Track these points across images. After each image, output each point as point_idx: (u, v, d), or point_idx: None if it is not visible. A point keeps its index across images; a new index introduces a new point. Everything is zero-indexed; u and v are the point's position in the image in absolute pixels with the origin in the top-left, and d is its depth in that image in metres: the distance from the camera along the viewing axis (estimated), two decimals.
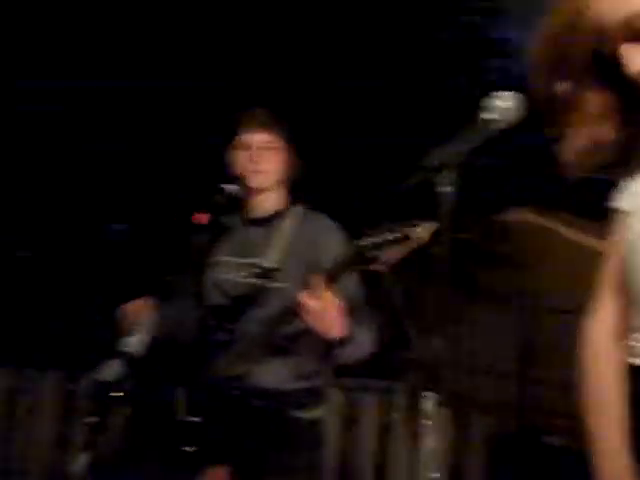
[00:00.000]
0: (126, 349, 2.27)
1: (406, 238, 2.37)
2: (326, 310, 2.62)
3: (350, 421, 5.52)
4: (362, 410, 5.42)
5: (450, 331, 12.53)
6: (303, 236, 3.01)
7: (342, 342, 2.72)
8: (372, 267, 2.40)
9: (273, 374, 2.91)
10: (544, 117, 1.74)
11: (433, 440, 1.82)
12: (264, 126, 3.03)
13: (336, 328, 2.68)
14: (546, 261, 13.43)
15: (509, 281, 12.89)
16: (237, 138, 3.07)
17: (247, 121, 3.06)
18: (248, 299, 2.97)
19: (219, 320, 2.99)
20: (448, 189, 1.96)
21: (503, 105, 1.95)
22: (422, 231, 2.35)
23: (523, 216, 14.19)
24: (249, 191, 3.06)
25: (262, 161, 3.01)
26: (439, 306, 1.95)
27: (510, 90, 1.96)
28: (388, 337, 13.25)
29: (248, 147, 3.03)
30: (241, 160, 3.04)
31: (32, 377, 6.06)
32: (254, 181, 3.02)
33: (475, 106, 1.99)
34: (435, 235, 2.20)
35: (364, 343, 2.86)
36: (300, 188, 3.18)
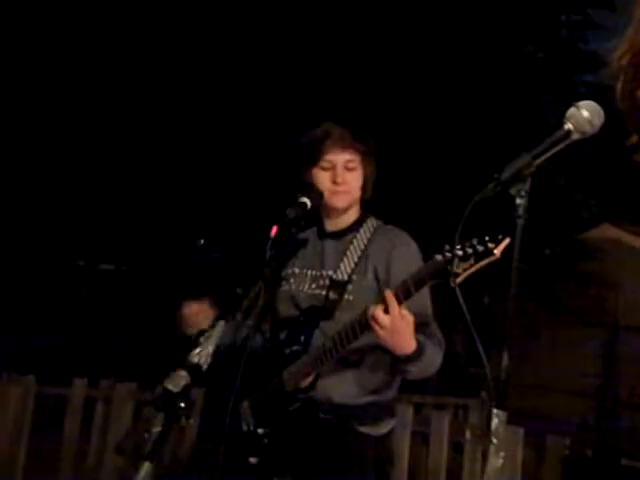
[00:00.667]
0: (193, 360, 2.26)
1: (482, 253, 2.32)
2: (397, 325, 2.58)
3: (421, 438, 5.43)
4: (434, 427, 5.32)
5: (529, 348, 12.34)
6: (376, 249, 2.98)
7: (410, 358, 2.69)
8: (451, 282, 2.35)
9: (340, 388, 2.88)
10: (626, 125, 1.68)
11: (501, 459, 1.75)
12: (347, 145, 2.98)
13: (406, 344, 2.65)
14: (628, 278, 13.12)
15: (591, 298, 12.64)
16: (317, 156, 3.00)
17: (328, 139, 2.98)
18: (319, 311, 2.95)
19: (289, 332, 2.98)
20: (523, 201, 1.89)
21: (586, 116, 1.89)
22: (496, 246, 2.31)
23: (605, 232, 13.91)
24: (329, 209, 3.04)
25: (346, 182, 2.97)
26: (514, 322, 1.89)
27: (598, 102, 1.91)
28: (462, 353, 13.13)
29: (331, 167, 2.98)
30: (322, 179, 2.98)
31: (107, 387, 6.16)
32: (337, 202, 2.99)
33: (559, 118, 1.94)
34: (508, 249, 2.15)
35: (433, 360, 2.81)
36: (374, 200, 3.16)
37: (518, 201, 1.89)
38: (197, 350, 2.34)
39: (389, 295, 2.58)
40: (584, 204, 12.06)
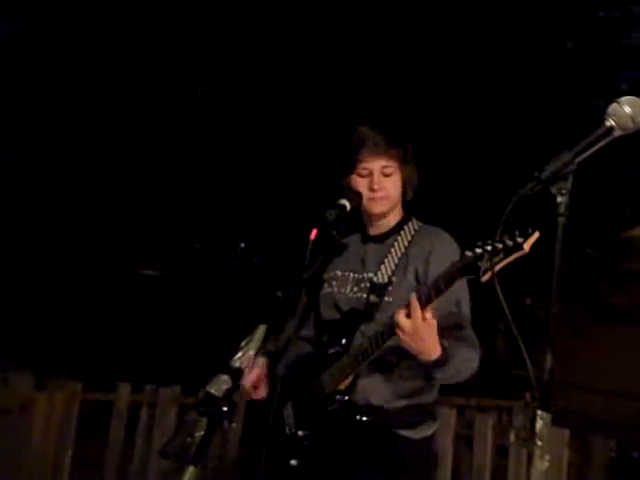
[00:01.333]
0: (235, 365, 2.27)
1: (512, 247, 2.30)
2: (419, 330, 2.58)
3: (465, 441, 5.40)
4: (477, 430, 5.28)
5: (573, 348, 12.19)
6: (416, 251, 2.98)
7: (436, 364, 2.68)
8: (483, 278, 2.33)
9: (378, 390, 2.88)
10: None
11: (546, 462, 1.73)
12: (381, 151, 2.97)
13: (429, 349, 2.64)
14: None
15: (635, 297, 12.45)
16: (354, 164, 3.00)
17: (363, 146, 2.98)
18: (360, 314, 2.95)
19: (331, 334, 2.99)
20: (565, 199, 1.87)
21: (628, 112, 1.87)
22: (525, 240, 2.29)
23: None
24: (369, 215, 3.05)
25: (383, 187, 2.97)
26: (557, 322, 1.87)
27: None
28: (505, 355, 13.02)
29: (368, 174, 2.98)
30: (360, 186, 2.99)
31: (151, 392, 6.21)
32: (375, 208, 3.00)
33: (601, 115, 1.91)
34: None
35: (463, 365, 2.80)
36: (416, 200, 3.15)
37: (559, 199, 1.87)
38: (239, 354, 2.35)
39: (412, 299, 2.58)
40: (627, 202, 11.90)
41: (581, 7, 10.76)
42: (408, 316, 2.58)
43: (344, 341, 2.92)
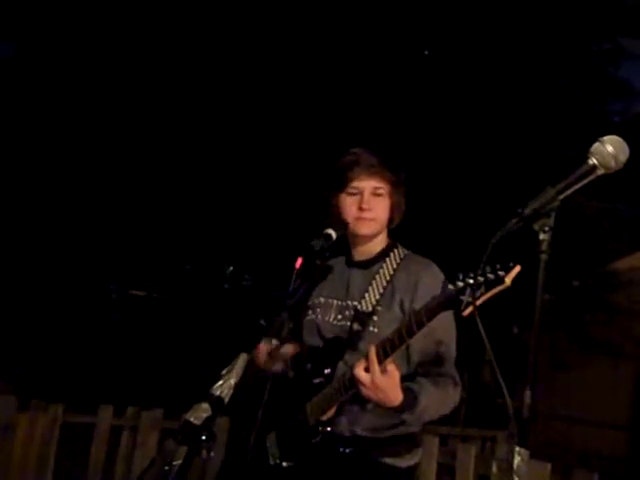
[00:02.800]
0: (215, 393, 2.26)
1: (493, 281, 2.31)
2: (378, 384, 2.59)
3: (447, 470, 5.37)
4: (459, 459, 5.26)
5: (558, 379, 12.19)
6: (402, 280, 2.95)
7: (400, 410, 2.69)
8: (464, 311, 2.34)
9: (362, 421, 2.86)
10: None
11: None
12: (375, 172, 2.96)
13: (390, 399, 2.64)
14: None
15: (620, 329, 12.48)
16: (345, 182, 2.99)
17: (356, 165, 2.97)
18: (343, 343, 2.93)
19: (314, 363, 2.97)
20: (547, 236, 1.88)
21: (610, 151, 1.89)
22: (506, 274, 2.30)
23: (635, 262, 13.75)
24: (355, 236, 3.03)
25: (372, 209, 2.96)
26: (542, 353, 1.87)
27: (630, 130, 1.91)
28: (491, 384, 13.00)
29: (358, 193, 2.97)
30: (349, 206, 2.98)
31: (133, 415, 6.16)
32: (363, 228, 2.98)
33: (584, 152, 1.93)
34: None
35: (436, 405, 2.79)
36: (399, 229, 3.14)
37: (542, 237, 1.88)
38: (219, 383, 2.33)
39: (371, 353, 2.59)
40: (613, 234, 11.94)
41: (574, 41, 10.84)
42: (367, 370, 2.59)
43: (327, 371, 2.90)
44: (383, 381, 2.58)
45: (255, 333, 2.84)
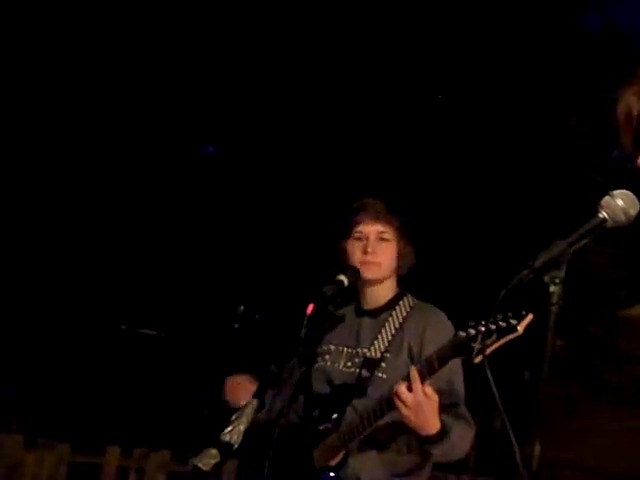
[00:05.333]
0: (224, 439, 2.26)
1: (505, 329, 2.32)
2: (421, 404, 2.56)
3: None
4: None
5: (570, 426, 12.06)
6: (411, 328, 2.97)
7: (434, 439, 2.66)
8: (475, 359, 2.34)
9: (369, 468, 2.84)
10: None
11: None
12: (380, 217, 3.01)
13: (429, 424, 2.62)
14: None
15: (632, 377, 12.37)
16: (351, 228, 3.03)
17: (362, 211, 3.02)
18: (351, 389, 2.93)
19: (322, 409, 2.97)
20: (557, 288, 1.88)
21: (620, 205, 1.89)
22: (519, 322, 2.31)
23: None
24: (362, 281, 3.04)
25: (377, 253, 2.98)
26: (554, 400, 1.86)
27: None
28: (502, 430, 12.87)
29: (364, 237, 3.00)
30: (355, 250, 3.01)
31: (140, 456, 6.14)
32: (368, 273, 2.99)
33: (594, 203, 1.93)
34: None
35: (459, 442, 2.78)
36: (410, 276, 3.16)
37: (552, 289, 1.87)
38: (229, 428, 2.34)
39: (413, 372, 2.57)
40: (626, 281, 11.90)
41: (587, 84, 10.88)
42: (409, 389, 2.57)
43: (335, 416, 2.90)
44: (426, 403, 2.57)
45: (265, 378, 2.84)
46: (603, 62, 10.49)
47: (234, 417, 2.38)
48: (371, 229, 2.99)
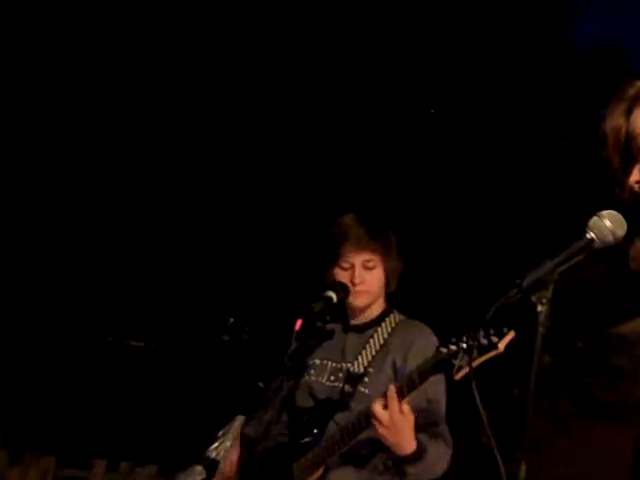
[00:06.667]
0: (210, 455, 2.25)
1: (487, 347, 2.33)
2: (396, 423, 2.57)
3: None
4: None
5: (560, 443, 12.04)
6: (396, 344, 2.98)
7: (410, 459, 2.66)
8: (456, 375, 2.34)
9: None
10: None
11: None
12: (364, 246, 2.99)
13: (405, 443, 2.63)
14: None
15: (622, 394, 12.35)
16: (337, 255, 3.02)
17: (346, 241, 3.01)
18: (334, 403, 2.94)
19: (305, 423, 2.97)
20: (545, 308, 1.88)
21: (608, 226, 1.89)
22: (500, 340, 2.32)
23: (638, 327, 13.66)
24: (351, 307, 3.06)
25: (364, 282, 2.99)
26: (543, 417, 1.87)
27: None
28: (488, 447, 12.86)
29: (350, 267, 3.00)
30: (342, 279, 3.00)
31: (126, 470, 6.12)
32: (356, 301, 3.01)
33: (583, 221, 1.93)
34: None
35: (436, 462, 2.78)
36: (398, 292, 3.16)
37: (539, 308, 1.87)
38: (215, 445, 2.33)
39: (391, 390, 2.58)
40: (616, 297, 11.93)
41: (577, 104, 10.91)
42: (385, 407, 2.57)
43: (316, 430, 2.90)
44: (401, 421, 2.57)
45: (253, 393, 2.83)
46: (593, 79, 10.55)
47: (220, 433, 2.37)
48: (356, 259, 2.99)
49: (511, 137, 9.70)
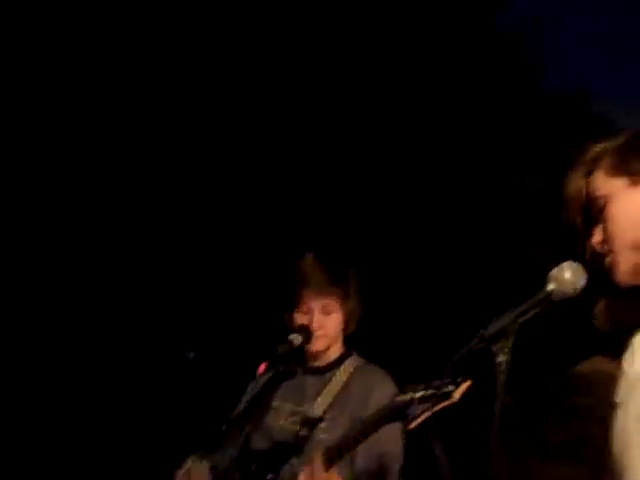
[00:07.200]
0: None
1: (442, 396, 2.35)
2: None
3: None
4: None
5: None
6: (355, 389, 3.02)
7: None
8: (410, 425, 2.36)
9: None
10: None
11: None
12: (323, 291, 3.03)
13: None
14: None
15: (578, 433, 12.41)
16: (297, 300, 3.06)
17: (305, 287, 3.04)
18: (290, 447, 2.95)
19: (260, 465, 2.98)
20: (505, 357, 1.92)
21: (567, 277, 1.92)
22: (455, 389, 2.34)
23: (597, 365, 13.78)
24: (308, 350, 3.07)
25: (323, 327, 3.03)
26: (501, 461, 1.90)
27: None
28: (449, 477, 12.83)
29: (308, 311, 3.04)
30: (301, 322, 3.04)
31: None
32: (314, 345, 3.04)
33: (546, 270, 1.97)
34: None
35: None
36: (356, 334, 3.19)
37: (500, 359, 1.90)
38: None
39: (316, 461, 2.62)
40: (575, 339, 12.03)
41: (542, 141, 11.00)
42: (312, 476, 2.61)
43: (270, 476, 2.91)
44: None
45: (215, 437, 2.82)
46: (557, 120, 10.70)
47: (179, 477, 2.36)
48: (315, 304, 3.03)
49: (474, 176, 9.77)
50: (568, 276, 1.92)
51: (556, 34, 12.25)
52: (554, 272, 1.94)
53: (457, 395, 2.34)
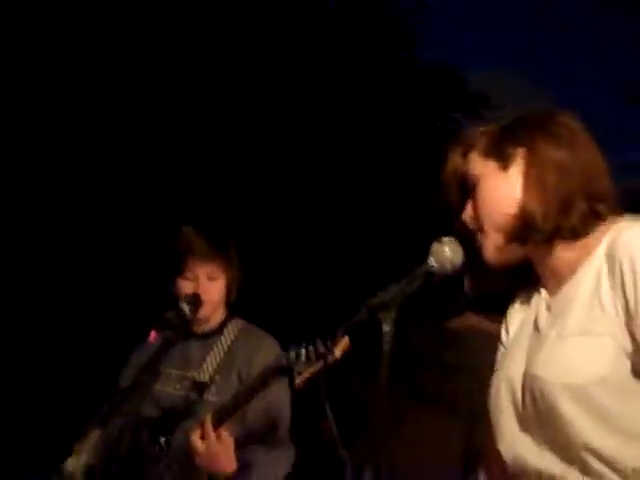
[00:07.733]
0: (67, 469, 2.27)
1: (324, 353, 2.43)
2: (213, 450, 2.67)
3: None
4: None
5: (397, 437, 12.45)
6: (239, 351, 3.11)
7: (236, 475, 2.77)
8: (296, 382, 2.46)
9: None
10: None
11: None
12: (207, 258, 3.12)
13: (224, 466, 2.73)
14: (486, 364, 13.46)
15: (453, 386, 12.90)
16: (181, 269, 3.12)
17: (190, 254, 3.11)
18: (180, 412, 3.02)
19: (151, 433, 3.03)
20: (390, 327, 1.99)
21: (447, 253, 1.99)
22: (335, 347, 2.43)
23: (468, 321, 14.28)
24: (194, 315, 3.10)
25: (207, 292, 3.10)
26: (383, 411, 2.01)
27: None
28: (331, 441, 13.13)
29: (194, 278, 3.11)
30: (187, 289, 3.10)
31: None
32: (201, 311, 3.07)
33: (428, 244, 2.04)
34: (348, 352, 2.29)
35: (276, 468, 2.93)
36: (240, 298, 3.27)
37: (385, 328, 1.98)
38: (71, 458, 2.34)
39: (206, 420, 2.68)
40: (450, 296, 12.40)
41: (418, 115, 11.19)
42: (202, 437, 2.67)
43: (163, 440, 2.97)
44: (218, 448, 2.67)
45: (108, 406, 2.83)
46: (434, 94, 10.92)
47: (77, 446, 2.38)
48: (200, 271, 3.11)
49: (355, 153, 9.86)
50: (447, 252, 2.00)
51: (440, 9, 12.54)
52: (435, 246, 2.02)
53: (338, 352, 2.41)
